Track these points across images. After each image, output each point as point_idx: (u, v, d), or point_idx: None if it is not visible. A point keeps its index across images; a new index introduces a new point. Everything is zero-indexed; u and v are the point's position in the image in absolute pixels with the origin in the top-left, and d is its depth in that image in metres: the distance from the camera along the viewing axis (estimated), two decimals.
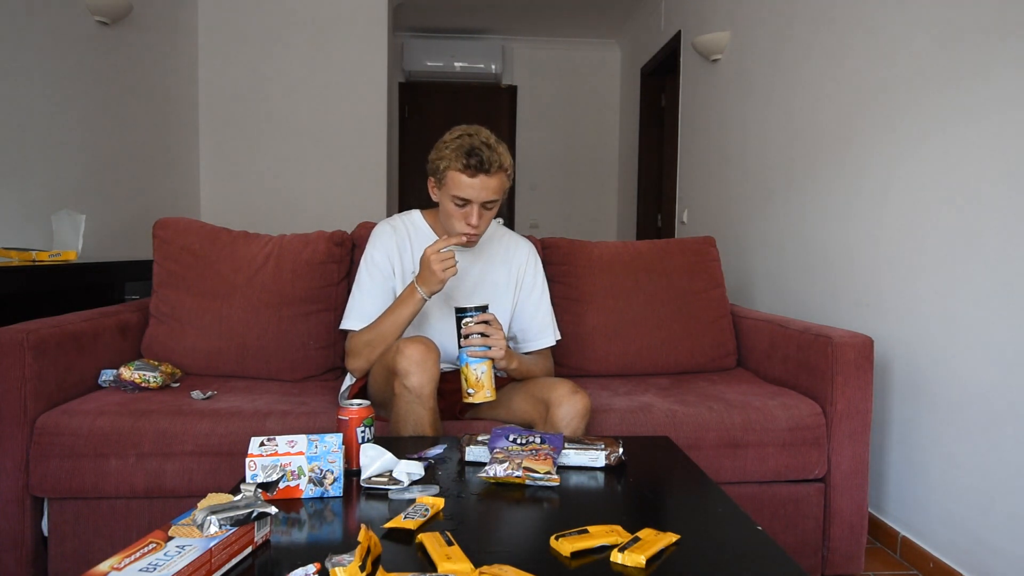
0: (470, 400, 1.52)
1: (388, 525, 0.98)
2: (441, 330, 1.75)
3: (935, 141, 1.86)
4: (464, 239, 1.63)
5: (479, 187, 1.58)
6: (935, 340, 1.86)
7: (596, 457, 1.26)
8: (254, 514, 0.90)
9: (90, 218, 2.61)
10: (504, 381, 1.75)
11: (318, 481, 1.12)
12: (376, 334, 1.64)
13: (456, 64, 5.50)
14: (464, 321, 1.52)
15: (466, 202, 1.61)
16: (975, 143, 1.72)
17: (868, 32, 2.16)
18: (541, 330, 1.84)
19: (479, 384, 1.51)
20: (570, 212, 5.79)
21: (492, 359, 1.53)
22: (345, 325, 1.73)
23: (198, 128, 4.06)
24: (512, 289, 1.82)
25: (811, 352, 1.87)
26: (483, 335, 1.52)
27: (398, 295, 1.74)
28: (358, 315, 1.72)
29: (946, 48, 1.82)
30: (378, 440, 1.26)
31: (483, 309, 1.54)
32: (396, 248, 1.76)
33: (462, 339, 1.52)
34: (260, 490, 0.97)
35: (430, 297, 1.59)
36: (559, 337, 1.87)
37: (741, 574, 0.92)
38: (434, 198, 1.71)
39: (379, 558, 0.89)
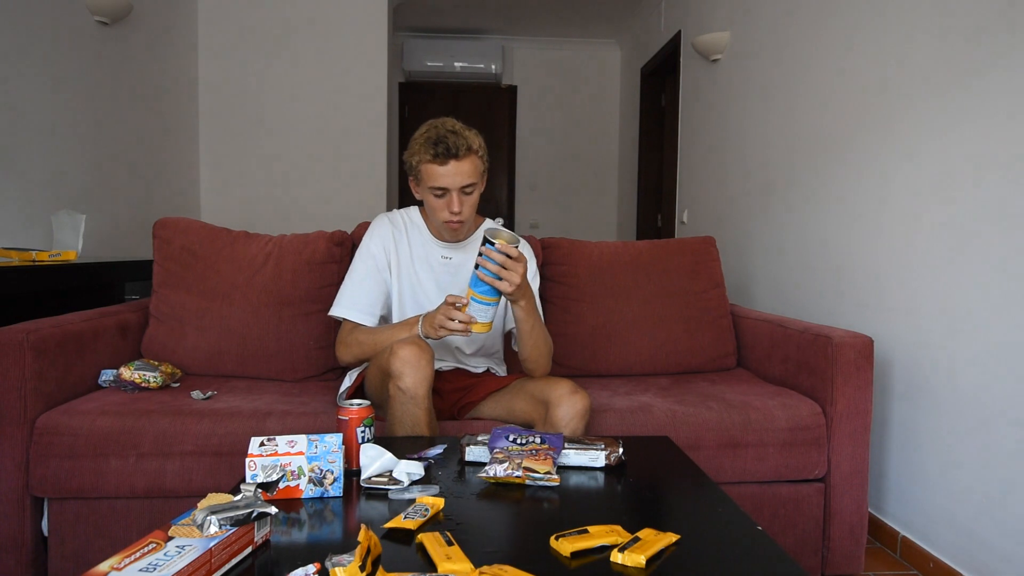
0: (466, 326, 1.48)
1: (388, 525, 0.98)
2: None
3: (935, 141, 1.86)
4: (452, 230, 1.68)
5: (453, 173, 1.60)
6: (935, 340, 1.86)
7: (596, 457, 1.26)
8: (254, 514, 0.90)
9: (90, 218, 2.61)
10: (504, 381, 1.75)
11: (318, 481, 1.12)
12: (371, 342, 1.66)
13: (456, 64, 5.50)
14: (485, 247, 1.45)
15: (444, 191, 1.62)
16: (975, 143, 1.72)
17: (868, 32, 2.16)
18: None
19: (473, 321, 1.48)
20: (570, 212, 5.79)
21: (499, 298, 1.49)
22: (334, 312, 1.74)
23: (198, 128, 4.06)
24: None
25: (811, 352, 1.87)
26: (502, 268, 1.45)
27: (392, 290, 1.75)
28: (348, 303, 1.73)
29: (946, 47, 1.82)
30: (377, 440, 1.26)
31: (515, 243, 1.47)
32: (393, 241, 1.77)
33: (476, 268, 1.47)
34: (260, 490, 0.97)
35: (425, 336, 1.58)
36: None
37: (741, 574, 0.92)
38: (417, 196, 1.72)
39: (379, 558, 0.88)
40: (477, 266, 1.48)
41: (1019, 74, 1.59)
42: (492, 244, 1.46)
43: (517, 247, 1.48)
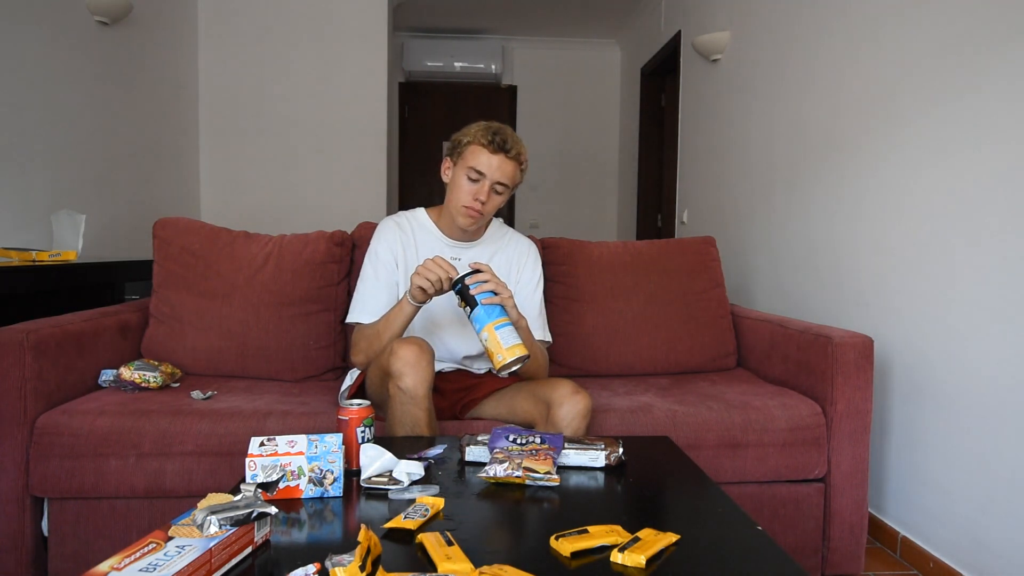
0: (502, 366, 1.42)
1: (388, 525, 0.98)
2: (445, 328, 1.75)
3: (934, 141, 1.86)
4: (469, 217, 1.68)
5: (496, 165, 1.64)
6: (935, 340, 1.86)
7: (596, 457, 1.26)
8: (254, 514, 0.90)
9: (90, 218, 2.61)
10: (506, 382, 1.75)
11: (318, 481, 1.12)
12: (373, 332, 1.65)
13: (456, 64, 5.49)
14: (464, 283, 1.47)
15: (480, 177, 1.64)
16: (975, 142, 1.72)
17: (868, 31, 2.16)
18: (530, 321, 1.82)
19: (505, 349, 1.42)
20: (570, 212, 5.79)
21: (507, 316, 1.47)
22: (350, 319, 1.75)
23: (198, 128, 4.06)
24: (510, 280, 1.82)
25: (811, 352, 1.87)
26: (485, 283, 1.47)
27: (401, 293, 1.75)
28: (362, 308, 1.73)
29: (947, 47, 1.82)
30: (377, 440, 1.26)
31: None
32: (400, 244, 1.77)
33: (474, 302, 1.46)
34: (260, 490, 0.97)
35: (418, 303, 1.56)
36: (549, 339, 1.85)
37: (741, 574, 0.92)
38: (445, 179, 1.74)
39: (379, 558, 0.88)
40: (472, 310, 1.46)
41: (1020, 75, 1.58)
42: (464, 276, 1.48)
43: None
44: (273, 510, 0.92)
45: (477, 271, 1.49)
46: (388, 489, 1.14)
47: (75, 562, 1.63)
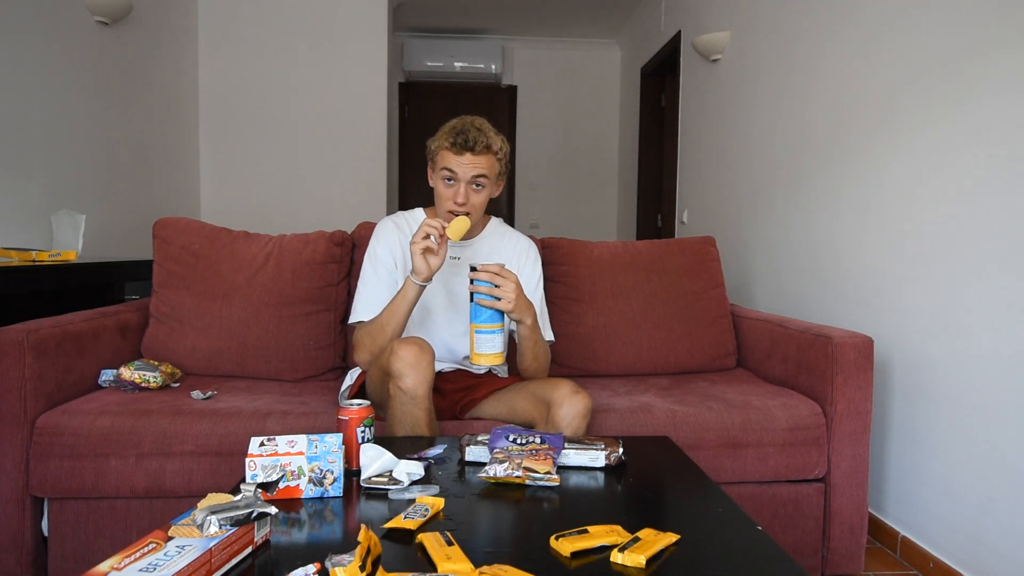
0: (472, 364, 1.48)
1: (388, 525, 0.98)
2: (445, 328, 1.75)
3: (934, 140, 1.86)
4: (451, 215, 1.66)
5: (465, 163, 1.63)
6: (935, 340, 1.86)
7: (596, 457, 1.26)
8: (254, 514, 0.90)
9: (90, 218, 2.61)
10: (506, 382, 1.75)
11: (318, 481, 1.12)
12: (377, 325, 1.64)
13: (456, 64, 5.49)
14: (471, 274, 1.48)
15: (453, 178, 1.64)
16: (974, 142, 1.72)
17: (870, 31, 2.16)
18: None
19: (475, 353, 1.47)
20: (570, 212, 5.79)
21: (503, 323, 1.50)
22: (352, 319, 1.75)
23: (198, 128, 4.06)
24: None
25: (811, 352, 1.87)
26: (494, 287, 1.47)
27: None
28: (363, 308, 1.72)
29: (945, 47, 1.82)
30: (377, 440, 1.26)
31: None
32: (399, 243, 1.77)
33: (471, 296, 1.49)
34: (260, 490, 0.97)
35: (422, 282, 1.56)
36: (551, 338, 1.85)
37: (741, 574, 0.92)
38: (432, 184, 1.74)
39: (379, 558, 0.88)
40: (472, 300, 1.48)
41: (1018, 75, 1.58)
42: (475, 269, 1.49)
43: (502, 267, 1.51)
44: (273, 510, 0.92)
45: (488, 269, 1.48)
46: (388, 489, 1.14)
47: (75, 562, 1.63)
